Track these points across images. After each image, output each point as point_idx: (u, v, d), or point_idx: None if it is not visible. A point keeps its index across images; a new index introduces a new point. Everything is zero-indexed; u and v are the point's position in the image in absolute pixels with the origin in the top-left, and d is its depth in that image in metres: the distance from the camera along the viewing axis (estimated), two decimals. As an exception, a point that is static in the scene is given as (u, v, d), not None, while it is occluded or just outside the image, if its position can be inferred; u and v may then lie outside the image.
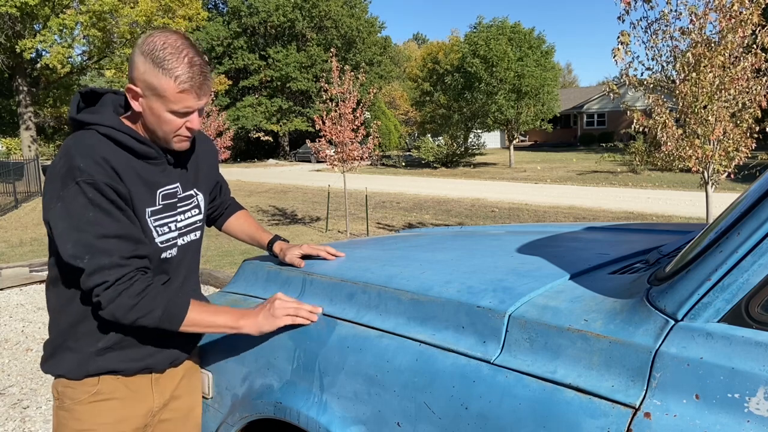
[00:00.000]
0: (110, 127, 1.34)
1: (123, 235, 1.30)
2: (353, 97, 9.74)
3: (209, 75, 1.35)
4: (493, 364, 1.14)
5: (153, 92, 1.30)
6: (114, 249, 1.28)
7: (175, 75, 1.28)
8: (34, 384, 3.87)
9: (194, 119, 1.36)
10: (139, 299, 1.29)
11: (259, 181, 23.08)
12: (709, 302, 0.97)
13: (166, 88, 1.29)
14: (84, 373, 1.39)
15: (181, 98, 1.31)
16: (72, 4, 20.86)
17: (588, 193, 15.64)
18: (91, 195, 1.26)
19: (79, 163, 1.27)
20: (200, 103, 1.34)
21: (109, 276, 1.27)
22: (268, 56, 39.36)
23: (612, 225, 2.29)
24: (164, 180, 1.44)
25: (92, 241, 1.26)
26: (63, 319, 1.40)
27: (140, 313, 1.30)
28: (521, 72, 25.25)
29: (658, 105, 5.74)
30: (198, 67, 1.31)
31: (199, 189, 1.56)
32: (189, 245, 1.52)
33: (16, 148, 34.30)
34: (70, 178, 1.27)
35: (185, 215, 1.50)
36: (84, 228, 1.26)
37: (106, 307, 1.28)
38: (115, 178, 1.30)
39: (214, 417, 1.65)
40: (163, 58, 1.28)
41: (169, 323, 1.34)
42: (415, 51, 61.36)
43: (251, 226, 1.83)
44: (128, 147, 1.35)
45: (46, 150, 41.13)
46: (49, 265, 1.43)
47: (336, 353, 1.38)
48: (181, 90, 1.29)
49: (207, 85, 1.34)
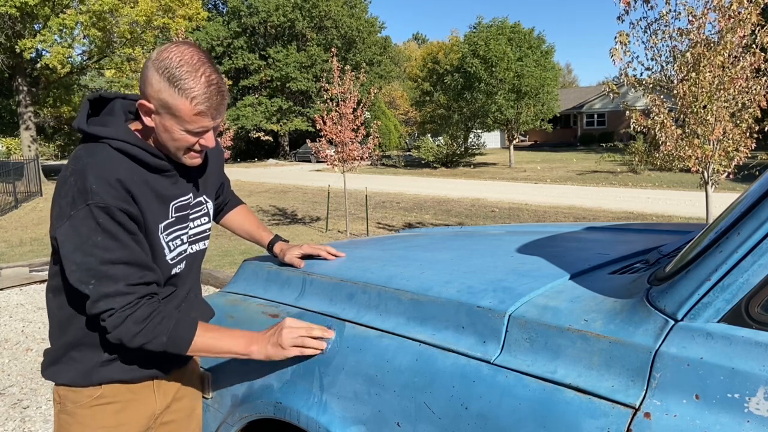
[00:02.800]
0: (123, 141, 1.30)
1: (130, 261, 1.27)
2: (353, 97, 9.74)
3: (226, 93, 1.30)
4: (493, 364, 1.14)
5: (167, 111, 1.25)
6: (120, 275, 1.25)
7: (192, 96, 1.23)
8: (34, 384, 3.87)
9: (209, 137, 1.33)
10: (144, 325, 1.27)
11: (259, 181, 23.08)
12: (709, 302, 0.97)
13: (181, 109, 1.24)
14: (87, 383, 1.38)
15: (197, 119, 1.26)
16: (72, 4, 20.87)
17: (588, 193, 15.64)
18: (102, 220, 1.23)
19: (92, 185, 1.22)
20: (216, 122, 1.30)
21: (114, 303, 1.25)
22: (268, 56, 39.35)
23: (612, 225, 2.29)
24: (177, 192, 1.41)
25: (98, 267, 1.24)
26: (67, 332, 1.38)
27: (145, 339, 1.28)
28: (521, 72, 25.24)
29: (656, 105, 5.74)
30: (215, 87, 1.26)
31: (208, 196, 1.54)
32: (197, 254, 1.51)
33: (16, 148, 34.29)
34: (81, 199, 1.23)
35: (195, 223, 1.49)
36: (91, 252, 1.23)
37: (112, 332, 1.27)
38: (128, 201, 1.27)
39: (214, 417, 1.65)
40: (179, 77, 1.22)
41: (176, 348, 1.32)
42: (415, 51, 61.35)
43: (251, 223, 1.82)
44: (142, 161, 1.31)
45: (46, 150, 41.14)
46: (50, 274, 1.40)
47: (336, 353, 1.38)
48: (197, 112, 1.25)
49: (223, 105, 1.29)
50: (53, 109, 28.64)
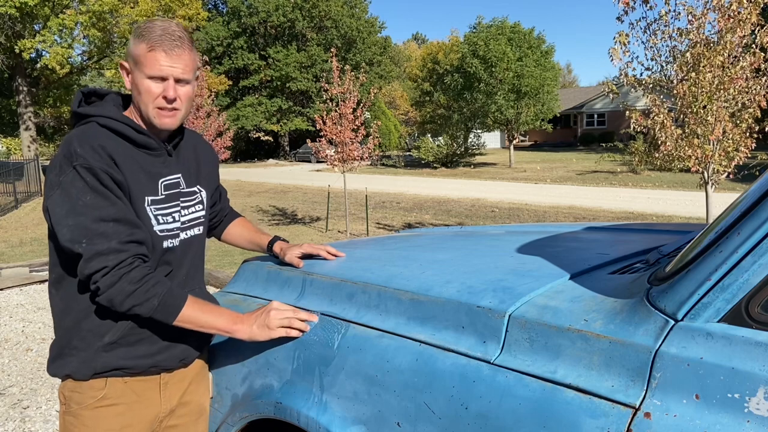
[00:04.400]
0: (109, 117, 1.37)
1: (120, 218, 1.31)
2: (353, 97, 9.75)
3: (186, 45, 1.37)
4: (493, 364, 1.14)
5: (134, 62, 1.36)
6: (112, 233, 1.29)
7: (148, 38, 1.34)
8: (34, 384, 3.87)
9: (170, 87, 1.36)
10: (138, 286, 1.29)
11: (259, 181, 23.08)
12: (709, 302, 0.97)
13: (140, 52, 1.34)
14: (91, 371, 1.38)
15: (152, 58, 1.33)
16: (72, 4, 20.87)
17: (588, 193, 15.64)
18: (89, 179, 1.29)
19: (76, 148, 1.30)
20: (173, 68, 1.35)
21: (108, 261, 1.27)
22: (268, 56, 39.35)
23: (612, 225, 2.29)
24: (165, 170, 1.46)
25: (90, 225, 1.27)
26: (67, 318, 1.40)
27: (136, 301, 1.29)
28: (521, 72, 25.24)
29: (656, 105, 5.74)
30: (171, 34, 1.35)
31: (202, 186, 1.58)
32: (192, 240, 1.52)
33: (16, 148, 34.30)
34: (67, 163, 1.29)
35: (189, 210, 1.51)
36: (82, 211, 1.28)
37: (105, 292, 1.28)
38: (111, 165, 1.32)
39: (214, 417, 1.65)
40: (144, 28, 1.36)
41: (164, 315, 1.34)
42: (415, 51, 61.34)
43: (250, 231, 1.84)
44: (127, 137, 1.38)
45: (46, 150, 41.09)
46: (50, 268, 1.42)
47: (336, 353, 1.38)
48: (150, 49, 1.33)
49: (178, 51, 1.35)
50: (53, 110, 28.63)
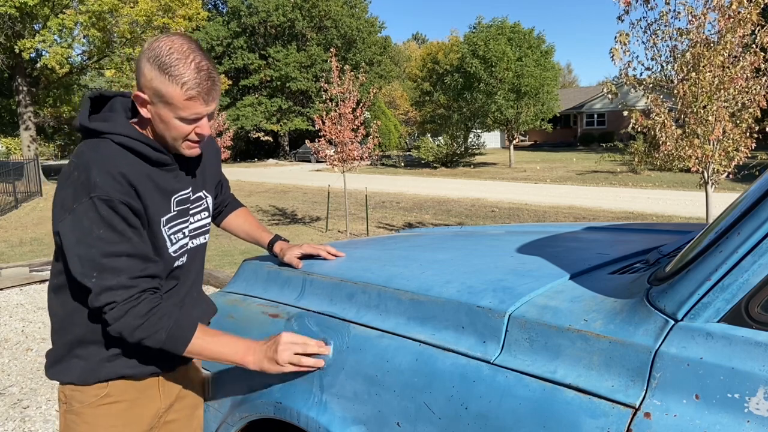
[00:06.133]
0: (125, 135, 1.31)
1: (132, 254, 1.28)
2: (353, 97, 9.75)
3: (217, 79, 1.31)
4: (493, 364, 1.14)
5: (160, 99, 1.27)
6: (123, 268, 1.26)
7: (182, 82, 1.25)
8: (34, 384, 3.87)
9: (204, 125, 1.33)
10: (144, 320, 1.27)
11: (259, 181, 23.08)
12: (709, 302, 0.97)
13: (173, 96, 1.26)
14: (94, 380, 1.38)
15: (189, 105, 1.28)
16: (71, 4, 20.87)
17: (588, 193, 15.64)
18: (104, 212, 1.24)
19: (95, 178, 1.24)
20: (209, 108, 1.31)
21: (116, 296, 1.25)
22: (268, 56, 39.34)
23: (612, 225, 2.29)
24: (178, 186, 1.42)
25: (100, 259, 1.24)
26: (70, 329, 1.38)
27: (144, 334, 1.28)
28: (520, 72, 25.24)
29: (656, 105, 5.74)
30: (205, 72, 1.27)
31: (207, 191, 1.56)
32: (198, 248, 1.52)
33: (15, 148, 34.28)
34: (84, 192, 1.24)
35: (195, 218, 1.50)
36: (93, 244, 1.24)
37: (113, 324, 1.27)
38: (131, 195, 1.28)
39: (214, 417, 1.65)
40: (170, 64, 1.24)
41: (173, 347, 1.32)
42: (415, 51, 61.34)
43: (251, 225, 1.82)
44: (144, 155, 1.33)
45: (46, 150, 41.10)
46: (53, 273, 1.41)
47: (336, 353, 1.38)
48: (188, 97, 1.26)
49: (215, 90, 1.30)
50: (53, 109, 28.63)
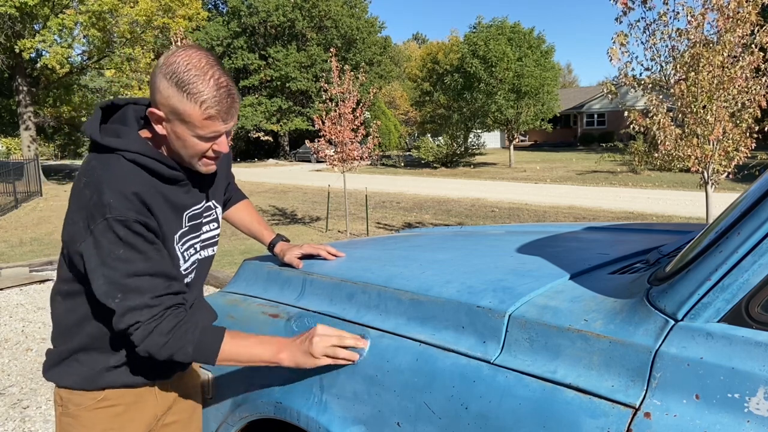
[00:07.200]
0: (137, 153, 1.27)
1: (154, 273, 1.26)
2: (353, 97, 9.75)
3: (237, 96, 1.27)
4: (493, 364, 1.14)
5: (177, 117, 1.23)
6: (146, 287, 1.24)
7: (201, 100, 1.20)
8: (34, 384, 3.87)
9: (222, 142, 1.30)
10: (170, 337, 1.25)
11: (259, 181, 23.07)
12: (709, 302, 0.97)
13: (191, 114, 1.21)
14: (92, 387, 1.37)
15: (208, 124, 1.24)
16: (71, 4, 20.87)
17: (588, 193, 15.64)
18: (122, 233, 1.22)
19: (109, 199, 1.21)
20: (228, 126, 1.27)
21: (141, 316, 1.23)
22: (268, 56, 39.34)
23: (612, 225, 2.29)
24: (190, 201, 1.40)
25: (123, 280, 1.22)
26: (76, 337, 1.37)
27: (171, 351, 1.26)
28: (521, 72, 25.25)
29: (655, 105, 5.74)
30: (225, 90, 1.23)
31: (217, 201, 1.53)
32: (206, 260, 1.50)
33: (15, 148, 34.29)
34: (99, 213, 1.22)
35: (205, 228, 1.48)
36: (114, 266, 1.22)
37: (139, 345, 1.25)
38: (145, 213, 1.25)
39: (214, 417, 1.65)
40: (188, 81, 1.20)
41: (203, 359, 1.30)
42: (415, 51, 61.32)
43: (253, 219, 1.80)
44: (156, 173, 1.30)
45: (46, 150, 41.07)
46: (62, 278, 1.38)
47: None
48: (207, 116, 1.22)
49: (234, 108, 1.26)
50: (53, 109, 28.63)
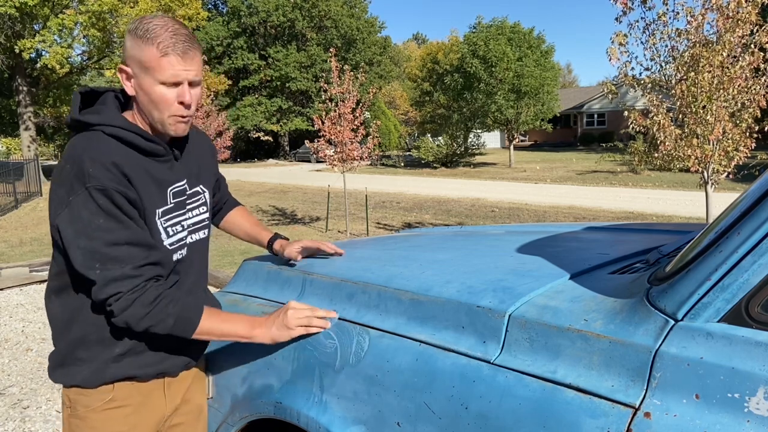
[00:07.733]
0: (117, 126, 1.31)
1: (134, 242, 1.27)
2: (353, 97, 9.75)
3: (195, 45, 1.32)
4: (493, 364, 1.14)
5: (140, 66, 1.29)
6: (125, 257, 1.26)
7: (158, 41, 1.27)
8: (34, 384, 3.87)
9: (185, 92, 1.32)
10: (152, 308, 1.27)
11: (259, 181, 23.08)
12: (709, 302, 0.97)
13: (150, 57, 1.27)
14: (100, 381, 1.37)
15: (166, 64, 1.27)
16: (71, 4, 20.87)
17: (588, 193, 15.64)
18: (102, 202, 1.24)
19: (88, 168, 1.24)
20: (188, 71, 1.30)
21: (122, 287, 1.25)
22: (267, 56, 39.33)
23: (612, 225, 2.29)
24: (173, 177, 1.42)
25: (103, 249, 1.24)
26: (72, 330, 1.37)
27: (152, 322, 1.28)
28: (520, 72, 25.24)
29: (655, 105, 5.74)
30: (181, 36, 1.29)
31: (204, 186, 1.55)
32: (197, 243, 1.51)
33: (15, 148, 34.29)
34: (79, 183, 1.24)
35: (193, 212, 1.49)
36: (94, 235, 1.24)
37: (119, 315, 1.27)
38: (125, 184, 1.28)
39: (214, 417, 1.65)
40: (147, 30, 1.28)
41: (182, 331, 1.33)
42: (415, 51, 61.32)
43: (250, 224, 1.81)
44: (136, 145, 1.33)
45: (46, 150, 41.07)
46: (51, 275, 1.39)
47: (336, 353, 1.37)
48: (163, 54, 1.27)
49: (192, 52, 1.30)
50: (53, 109, 28.61)
